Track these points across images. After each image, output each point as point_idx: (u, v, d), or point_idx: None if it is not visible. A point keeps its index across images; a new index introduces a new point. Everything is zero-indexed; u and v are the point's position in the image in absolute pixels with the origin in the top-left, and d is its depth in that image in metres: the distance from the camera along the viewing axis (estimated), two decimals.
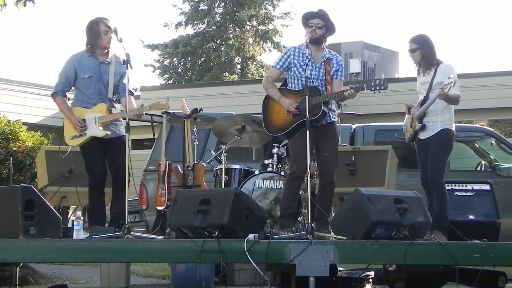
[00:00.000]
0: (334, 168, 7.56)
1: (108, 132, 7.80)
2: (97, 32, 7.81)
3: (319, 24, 7.58)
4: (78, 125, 7.78)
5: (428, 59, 7.94)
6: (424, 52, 7.94)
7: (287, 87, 7.70)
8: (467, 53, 56.46)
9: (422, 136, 7.98)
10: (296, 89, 7.62)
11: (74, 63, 7.88)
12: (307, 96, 7.14)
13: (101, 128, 7.78)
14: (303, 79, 7.54)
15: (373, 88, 7.44)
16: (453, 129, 7.96)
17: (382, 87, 7.42)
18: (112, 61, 7.86)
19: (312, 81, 7.52)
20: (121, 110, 7.88)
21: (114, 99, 7.90)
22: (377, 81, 7.50)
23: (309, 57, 7.48)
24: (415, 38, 8.01)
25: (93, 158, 7.85)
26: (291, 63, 7.64)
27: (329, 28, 7.64)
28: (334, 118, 7.72)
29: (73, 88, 8.03)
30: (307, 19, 7.64)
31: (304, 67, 7.50)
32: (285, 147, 8.38)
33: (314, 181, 7.67)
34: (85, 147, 7.88)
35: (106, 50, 7.89)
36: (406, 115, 8.19)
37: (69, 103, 8.00)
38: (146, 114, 8.20)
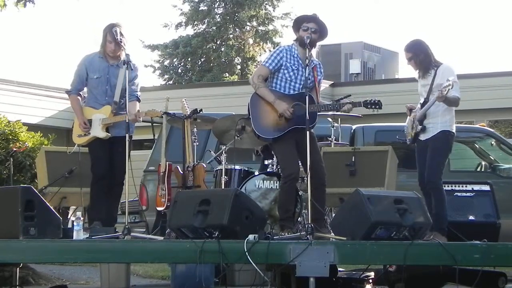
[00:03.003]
0: (323, 169, 7.53)
1: (109, 134, 7.94)
2: (104, 39, 8.00)
3: (313, 28, 7.56)
4: (83, 125, 7.99)
5: (425, 64, 7.95)
6: (419, 59, 7.95)
7: (273, 89, 7.59)
8: (467, 53, 56.50)
9: (423, 137, 7.98)
10: (286, 93, 7.55)
11: (85, 63, 8.09)
12: (307, 98, 7.12)
13: (103, 130, 7.94)
14: (293, 83, 7.53)
15: (368, 107, 7.59)
16: (453, 130, 7.95)
17: (377, 106, 7.58)
18: (122, 65, 7.97)
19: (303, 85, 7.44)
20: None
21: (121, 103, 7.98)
22: (373, 100, 7.60)
23: (300, 61, 7.49)
24: (408, 46, 8.03)
25: (96, 157, 7.99)
26: (282, 64, 7.57)
27: (322, 33, 7.63)
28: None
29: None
30: (302, 22, 7.60)
31: (295, 71, 7.51)
32: None
33: (305, 182, 7.61)
34: (91, 146, 8.06)
35: (114, 55, 8.01)
36: (408, 117, 8.19)
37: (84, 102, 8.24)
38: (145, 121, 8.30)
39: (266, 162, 8.52)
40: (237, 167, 8.45)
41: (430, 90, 7.90)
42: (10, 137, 10.68)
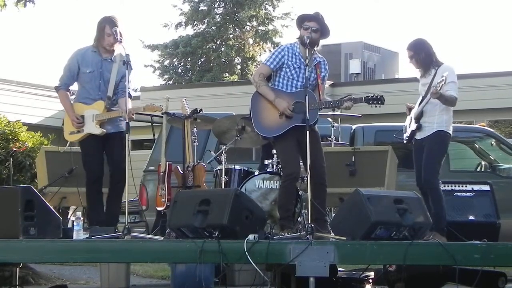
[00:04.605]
0: (324, 168, 7.54)
1: (104, 130, 7.81)
2: (102, 32, 7.82)
3: (314, 27, 7.56)
4: (76, 121, 7.83)
5: (425, 64, 7.96)
6: (420, 58, 7.96)
7: (275, 87, 7.61)
8: (468, 53, 56.52)
9: (418, 136, 7.98)
10: (288, 91, 7.57)
11: (77, 57, 7.91)
12: (307, 97, 7.13)
13: (97, 126, 7.81)
14: (295, 81, 7.54)
15: (370, 102, 7.56)
16: (450, 131, 7.94)
17: (379, 102, 7.55)
18: (116, 60, 7.86)
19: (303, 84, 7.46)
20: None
21: (113, 98, 7.90)
22: (375, 95, 7.58)
23: (302, 59, 7.51)
24: (411, 44, 8.04)
25: (91, 155, 7.87)
26: (284, 63, 7.58)
27: (323, 32, 7.63)
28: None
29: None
30: (303, 20, 7.61)
31: (297, 69, 7.53)
32: None
33: (306, 182, 7.61)
34: (84, 143, 7.92)
35: (111, 48, 7.88)
36: (407, 116, 8.19)
37: (72, 97, 8.03)
38: (145, 114, 8.24)
39: (266, 162, 8.53)
40: (237, 167, 8.45)
41: (429, 89, 7.90)
42: (10, 137, 10.67)
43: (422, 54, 7.95)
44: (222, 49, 31.32)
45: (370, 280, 7.94)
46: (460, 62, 56.02)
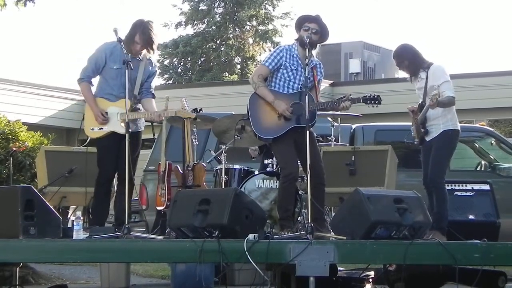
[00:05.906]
0: (322, 168, 7.53)
1: (130, 130, 7.54)
2: (132, 37, 7.69)
3: (314, 29, 7.55)
4: (101, 117, 7.67)
5: (412, 69, 8.00)
6: (406, 64, 7.99)
7: (272, 88, 7.58)
8: (467, 53, 56.53)
9: (427, 138, 8.01)
10: (285, 92, 7.55)
11: (106, 51, 7.74)
12: (306, 97, 7.12)
13: (122, 124, 7.60)
14: (291, 83, 7.53)
15: (368, 102, 7.53)
16: (457, 128, 7.97)
17: (377, 102, 7.53)
18: (143, 59, 7.78)
19: (301, 85, 7.46)
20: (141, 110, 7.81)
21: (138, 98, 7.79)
22: (372, 95, 7.56)
23: (300, 61, 7.50)
24: (394, 53, 8.09)
25: (107, 155, 7.76)
26: (282, 64, 7.57)
27: (323, 34, 7.62)
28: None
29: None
30: (304, 21, 7.59)
31: (294, 71, 7.52)
32: None
33: (305, 181, 7.60)
34: (102, 141, 7.77)
35: (137, 53, 7.77)
36: (412, 118, 8.18)
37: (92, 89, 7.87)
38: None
39: (266, 161, 8.52)
40: (236, 166, 8.45)
41: (425, 92, 7.92)
42: (10, 136, 10.65)
43: (406, 61, 7.99)
44: (222, 48, 31.36)
45: (370, 280, 7.94)
46: (460, 62, 56.04)
